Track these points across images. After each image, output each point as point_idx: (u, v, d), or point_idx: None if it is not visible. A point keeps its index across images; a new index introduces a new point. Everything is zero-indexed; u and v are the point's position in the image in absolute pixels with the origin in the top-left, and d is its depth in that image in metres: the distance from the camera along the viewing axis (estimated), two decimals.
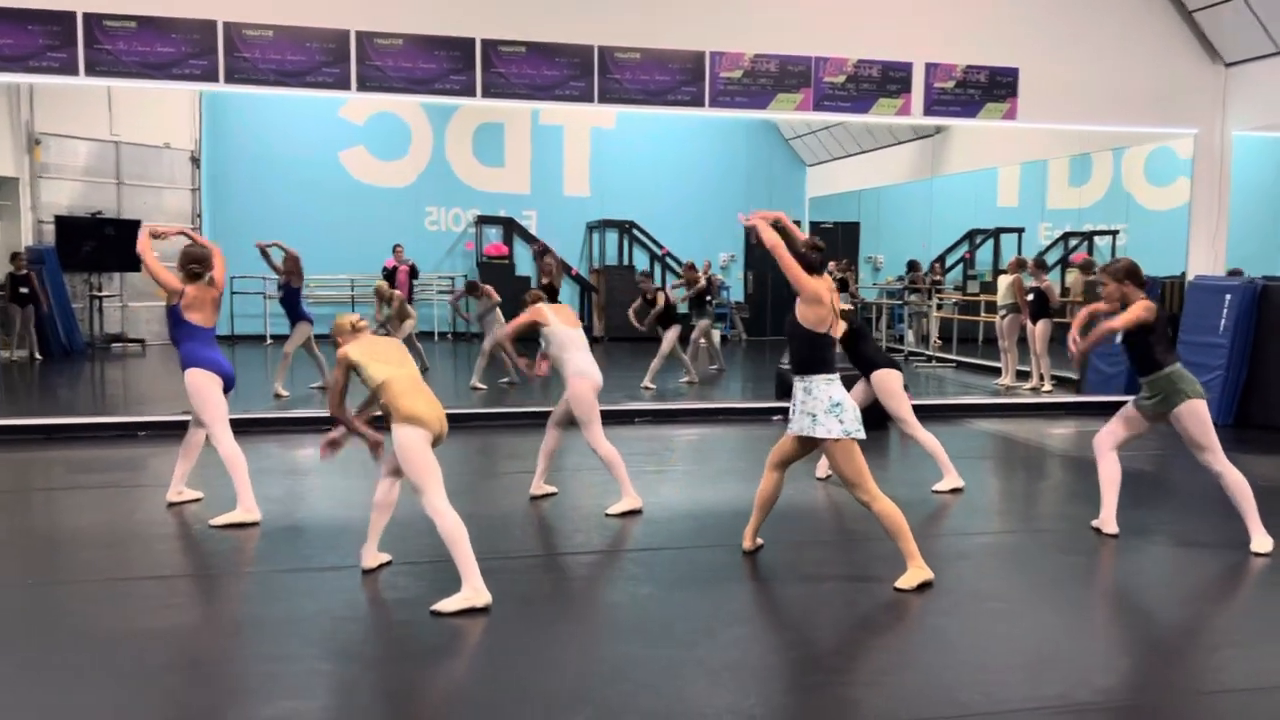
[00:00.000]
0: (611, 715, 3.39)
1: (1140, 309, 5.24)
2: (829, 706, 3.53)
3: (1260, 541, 5.31)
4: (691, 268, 12.51)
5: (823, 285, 4.72)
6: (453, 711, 3.57)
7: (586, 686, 3.64)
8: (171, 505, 6.01)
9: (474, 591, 4.31)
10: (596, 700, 3.50)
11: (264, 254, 10.62)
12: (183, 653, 3.96)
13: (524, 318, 5.96)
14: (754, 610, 4.65)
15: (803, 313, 4.71)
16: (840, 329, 4.90)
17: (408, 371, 4.55)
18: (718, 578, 4.86)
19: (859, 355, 6.68)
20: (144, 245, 5.96)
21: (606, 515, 5.90)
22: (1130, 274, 5.31)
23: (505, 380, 11.25)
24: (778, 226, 4.82)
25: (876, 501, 4.68)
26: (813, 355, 4.73)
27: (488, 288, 11.58)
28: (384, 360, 4.56)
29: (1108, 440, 5.61)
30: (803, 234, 5.07)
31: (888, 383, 6.58)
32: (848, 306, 6.65)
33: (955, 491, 6.61)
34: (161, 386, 11.30)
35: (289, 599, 4.49)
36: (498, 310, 11.18)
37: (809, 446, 4.90)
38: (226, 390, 5.85)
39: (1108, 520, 5.60)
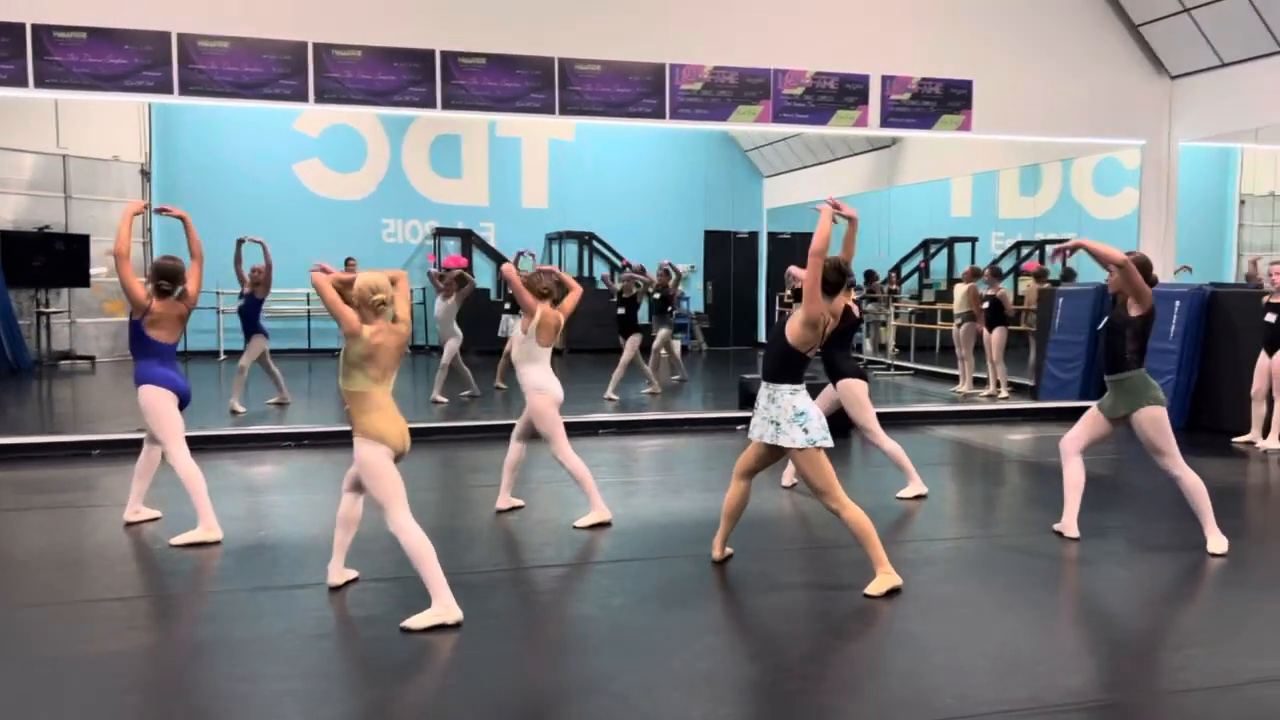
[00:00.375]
0: None
1: (1145, 286, 5.28)
2: (805, 715, 3.54)
3: (1215, 542, 5.42)
4: (667, 271, 12.52)
5: (827, 312, 4.69)
6: None
7: (561, 700, 3.62)
8: (130, 525, 5.89)
9: (444, 608, 4.26)
10: (572, 714, 3.48)
11: (238, 253, 10.20)
12: (148, 675, 3.88)
13: (527, 296, 5.87)
14: (726, 620, 4.66)
15: (794, 329, 4.70)
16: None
17: (384, 387, 4.43)
18: (689, 588, 4.86)
19: (829, 360, 6.71)
20: (124, 243, 5.52)
21: (575, 528, 5.88)
22: (1142, 268, 5.34)
23: (466, 394, 11.17)
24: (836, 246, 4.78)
25: (845, 509, 4.71)
26: (785, 368, 4.77)
27: (469, 281, 11.44)
28: (375, 369, 4.35)
29: (1072, 444, 5.70)
30: (854, 246, 5.09)
31: (853, 391, 6.63)
32: (854, 308, 6.65)
33: (919, 498, 6.68)
34: (114, 404, 11.08)
35: (255, 618, 4.41)
36: (455, 324, 11.07)
37: (775, 454, 4.92)
38: (182, 407, 5.74)
39: (1069, 524, 5.69)
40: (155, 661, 4.04)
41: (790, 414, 4.72)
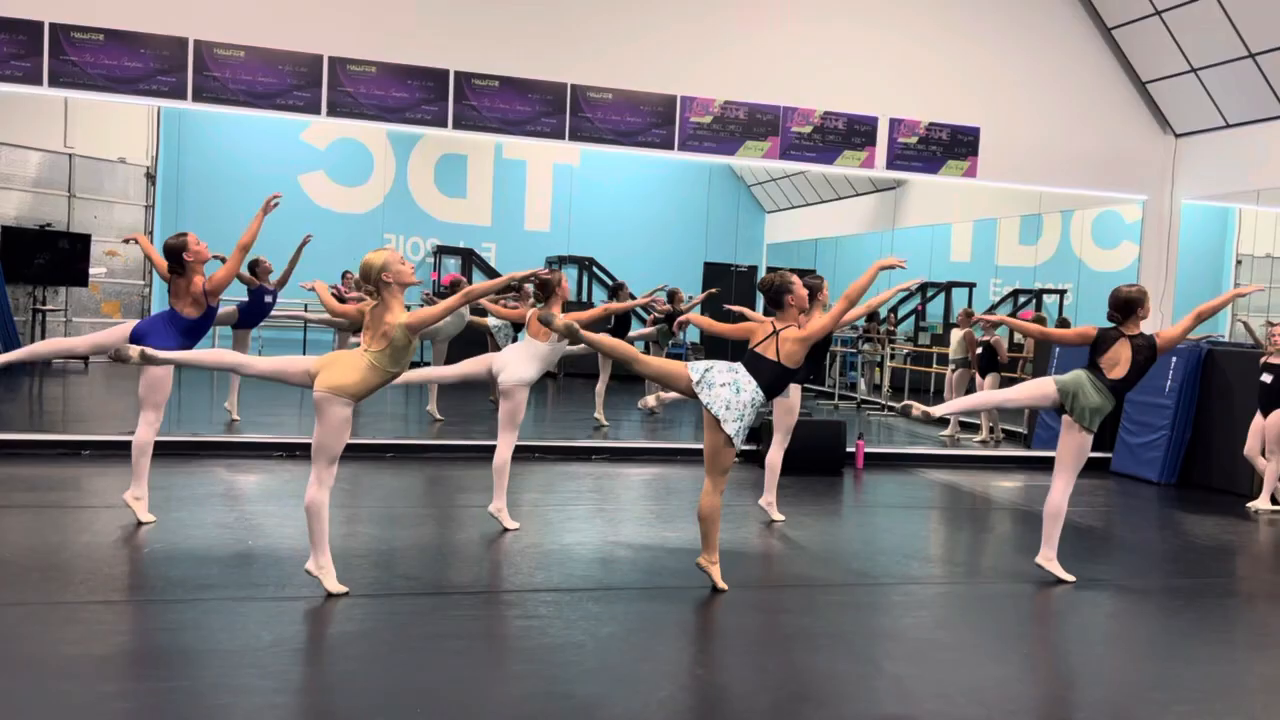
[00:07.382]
0: None
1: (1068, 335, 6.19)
2: None
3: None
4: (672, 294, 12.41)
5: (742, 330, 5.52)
6: None
7: None
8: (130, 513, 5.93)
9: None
10: None
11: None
12: (133, 681, 3.84)
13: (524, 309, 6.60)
14: (714, 655, 4.63)
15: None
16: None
17: (363, 346, 4.83)
18: (678, 620, 4.84)
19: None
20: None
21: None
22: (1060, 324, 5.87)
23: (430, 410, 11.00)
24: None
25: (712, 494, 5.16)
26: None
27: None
28: (365, 335, 4.83)
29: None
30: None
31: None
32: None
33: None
34: (105, 405, 11.03)
35: (242, 629, 4.37)
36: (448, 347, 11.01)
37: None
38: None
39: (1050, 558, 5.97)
40: (139, 668, 4.00)
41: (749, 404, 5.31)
